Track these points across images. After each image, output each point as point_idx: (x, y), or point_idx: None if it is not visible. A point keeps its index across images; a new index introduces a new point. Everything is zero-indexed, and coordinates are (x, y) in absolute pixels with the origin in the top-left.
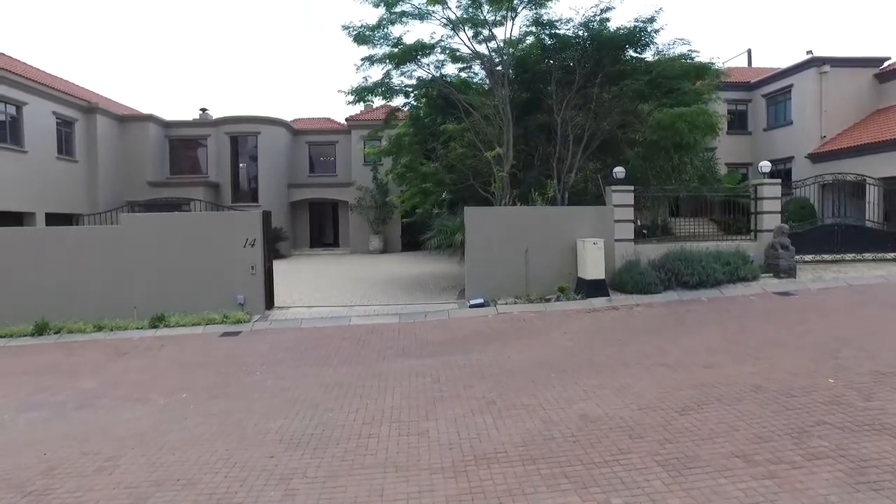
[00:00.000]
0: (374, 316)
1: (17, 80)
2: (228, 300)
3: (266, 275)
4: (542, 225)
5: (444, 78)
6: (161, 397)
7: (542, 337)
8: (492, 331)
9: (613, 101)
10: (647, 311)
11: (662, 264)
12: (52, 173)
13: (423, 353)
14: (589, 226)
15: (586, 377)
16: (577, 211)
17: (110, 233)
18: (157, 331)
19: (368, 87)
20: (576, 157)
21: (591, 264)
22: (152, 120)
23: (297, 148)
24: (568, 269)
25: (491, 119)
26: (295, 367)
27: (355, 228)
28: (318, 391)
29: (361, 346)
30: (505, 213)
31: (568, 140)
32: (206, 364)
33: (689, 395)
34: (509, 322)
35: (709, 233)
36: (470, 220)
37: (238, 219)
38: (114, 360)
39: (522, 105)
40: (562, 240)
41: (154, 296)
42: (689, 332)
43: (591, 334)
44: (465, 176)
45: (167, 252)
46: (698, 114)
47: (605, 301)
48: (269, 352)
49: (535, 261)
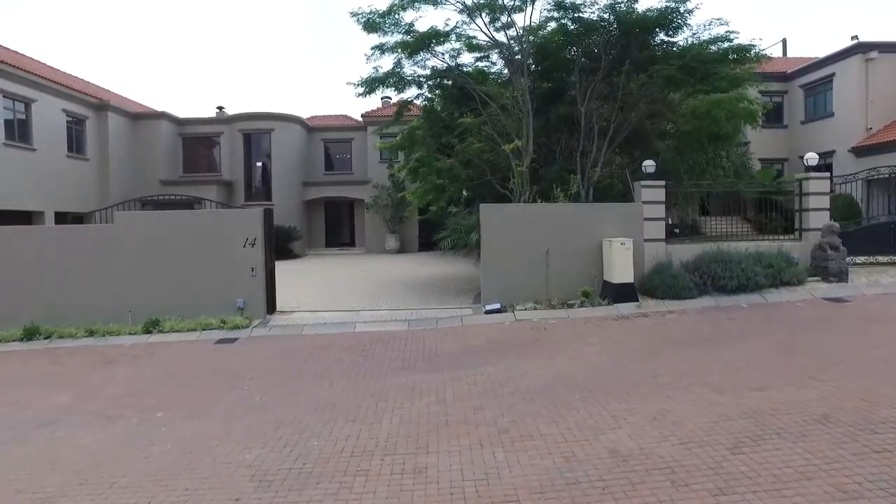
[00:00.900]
0: (381, 322)
1: (25, 77)
2: (228, 304)
3: (267, 277)
4: (564, 223)
5: (460, 67)
6: (135, 415)
7: (563, 348)
8: (508, 340)
9: (642, 89)
10: (681, 318)
11: (697, 266)
12: (62, 172)
13: (430, 366)
14: (616, 224)
15: (615, 399)
16: (603, 208)
17: (104, 232)
18: (151, 336)
19: (379, 77)
20: (601, 151)
21: (618, 266)
22: (165, 117)
23: (313, 145)
24: (593, 271)
25: (509, 110)
26: (287, 382)
27: (371, 228)
28: (306, 412)
29: (363, 358)
30: (524, 211)
31: (592, 132)
32: (193, 376)
33: (740, 426)
34: (528, 330)
35: (743, 232)
36: (486, 217)
37: (237, 217)
38: (98, 369)
39: (543, 96)
40: (586, 239)
41: (150, 298)
42: (732, 345)
43: (619, 345)
44: (482, 171)
45: (163, 252)
46: (737, 100)
47: (634, 307)
48: (262, 362)
49: (557, 262)
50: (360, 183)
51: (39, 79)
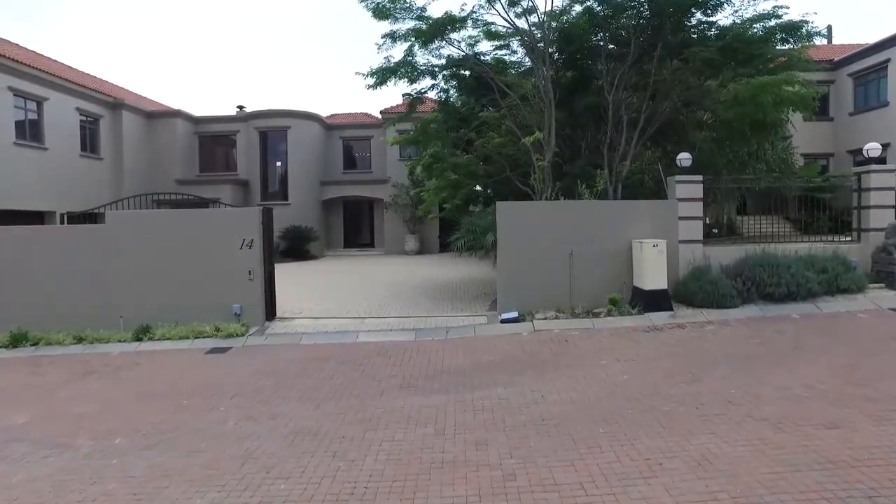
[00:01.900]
0: (386, 331)
1: (36, 75)
2: (224, 309)
3: (266, 281)
4: (589, 223)
5: (478, 56)
6: (89, 442)
7: (587, 365)
8: (525, 355)
9: (675, 75)
10: (722, 330)
11: (739, 271)
12: (75, 171)
13: (432, 385)
14: (647, 224)
15: (649, 435)
16: (633, 206)
17: (95, 232)
18: (141, 344)
19: (390, 67)
20: (630, 144)
21: (650, 271)
22: (181, 116)
23: (331, 143)
24: (621, 276)
25: (530, 101)
26: (270, 402)
27: (391, 228)
28: (282, 443)
29: (361, 373)
30: (545, 209)
31: (621, 124)
32: (170, 392)
33: (814, 481)
34: (547, 343)
35: (786, 233)
36: (503, 216)
37: (233, 217)
38: (74, 382)
39: (567, 86)
40: (614, 241)
41: (143, 303)
42: (787, 365)
43: (651, 363)
44: (500, 167)
45: (157, 254)
46: (787, 82)
47: (668, 317)
48: (250, 377)
49: (582, 266)
50: (379, 182)
51: (52, 77)
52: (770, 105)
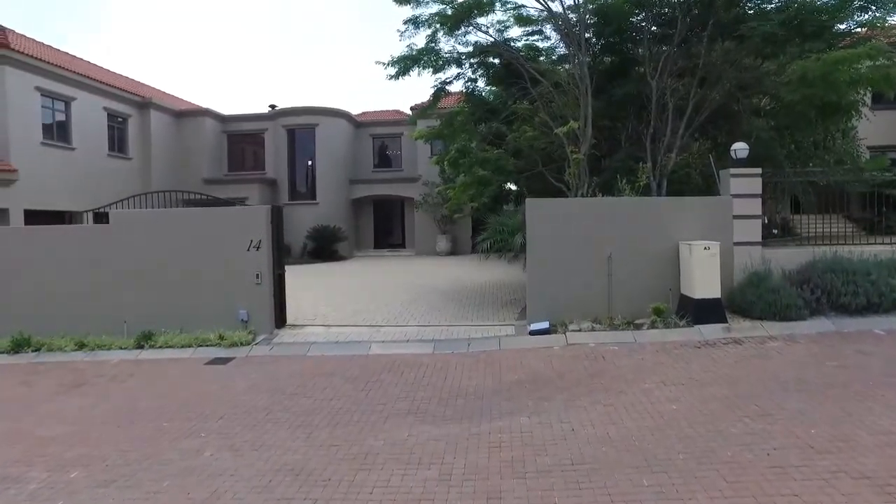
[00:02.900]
0: (402, 343)
1: (63, 75)
2: (230, 315)
3: (275, 285)
4: (630, 222)
5: (508, 43)
6: (44, 473)
7: (628, 389)
8: (555, 374)
9: (729, 56)
10: (789, 348)
11: (805, 277)
12: (103, 171)
13: (445, 411)
14: (697, 223)
15: (708, 492)
16: (681, 203)
17: (99, 232)
18: (141, 352)
19: (413, 56)
20: (676, 135)
21: (700, 277)
22: (209, 114)
23: (361, 141)
24: (666, 282)
25: (565, 88)
26: (259, 427)
27: (421, 228)
28: (257, 484)
29: (366, 394)
30: (580, 207)
31: (665, 112)
32: (154, 411)
33: None
34: (581, 359)
35: (849, 234)
36: (533, 215)
37: (239, 216)
38: (59, 395)
39: (605, 72)
40: (658, 242)
41: (147, 307)
42: (882, 396)
43: (706, 389)
44: (533, 162)
45: (162, 255)
46: (869, 55)
47: (722, 330)
48: (244, 394)
49: (621, 271)
50: (409, 180)
51: (79, 76)
52: (845, 84)
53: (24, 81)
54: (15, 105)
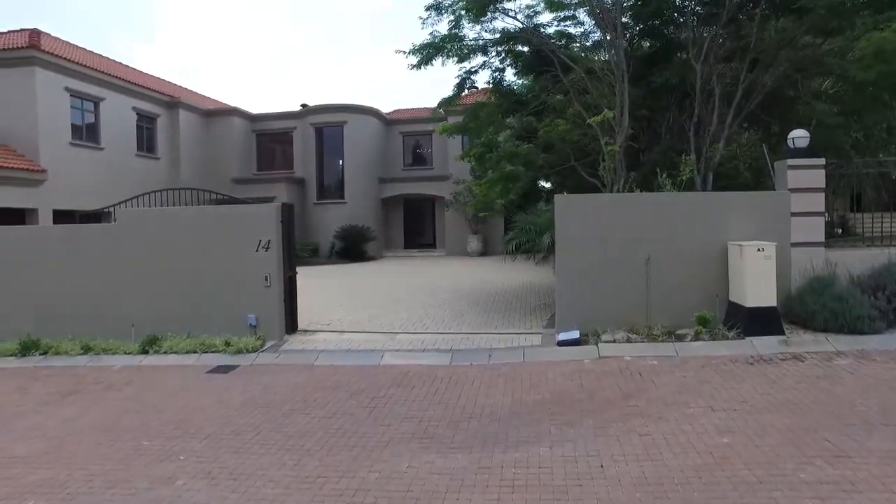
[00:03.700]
0: (418, 352)
1: (91, 75)
2: (239, 319)
3: (285, 288)
4: (672, 220)
5: (538, 28)
6: None
7: (669, 415)
8: (583, 393)
9: (786, 33)
10: (863, 367)
11: (878, 284)
12: (132, 171)
13: (455, 436)
14: (748, 222)
15: None
16: (729, 199)
17: (107, 232)
18: (146, 357)
19: (435, 44)
20: (724, 123)
21: (753, 282)
22: (237, 113)
23: (391, 139)
24: (712, 288)
25: (599, 76)
26: (245, 450)
27: (452, 228)
28: None
29: (370, 412)
30: (615, 203)
31: (712, 99)
32: (139, 427)
33: None
34: (615, 376)
35: None
36: (563, 212)
37: (248, 214)
38: (48, 405)
39: (643, 58)
40: (704, 243)
41: (154, 311)
42: None
43: (763, 416)
44: (565, 156)
45: (171, 256)
46: None
47: (779, 343)
48: (239, 409)
49: (661, 275)
50: (440, 179)
51: (108, 77)
52: None
53: (53, 82)
54: (44, 106)
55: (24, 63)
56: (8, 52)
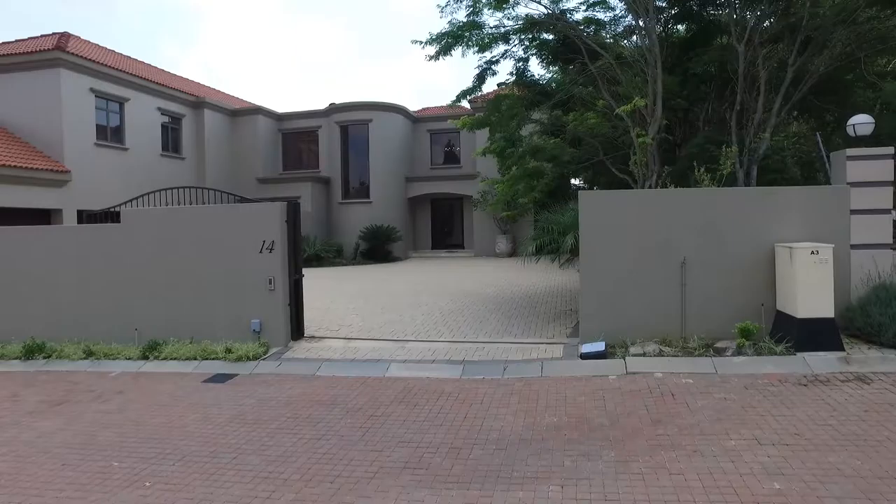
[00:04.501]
0: (427, 363)
1: (116, 76)
2: (242, 325)
3: (291, 292)
4: (711, 219)
5: (564, 14)
6: None
7: (705, 448)
8: (606, 418)
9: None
10: None
11: None
12: (157, 172)
13: (453, 467)
14: (799, 221)
15: None
16: (778, 195)
17: (110, 233)
18: (144, 364)
19: (454, 32)
20: (771, 111)
21: (805, 290)
22: (262, 112)
23: (418, 138)
24: (757, 295)
25: (629, 61)
26: (217, 477)
27: (480, 228)
28: None
29: (362, 434)
30: (647, 200)
31: (756, 85)
32: (115, 443)
33: None
34: (643, 396)
35: None
36: (588, 210)
37: (252, 214)
38: (33, 415)
39: (679, 44)
40: (747, 245)
41: (158, 315)
42: None
43: (824, 456)
44: (593, 150)
45: (175, 258)
46: None
47: (838, 361)
48: (224, 426)
49: (698, 280)
50: (469, 177)
51: (133, 77)
52: None
53: (78, 83)
54: (69, 107)
55: (50, 65)
56: (33, 54)
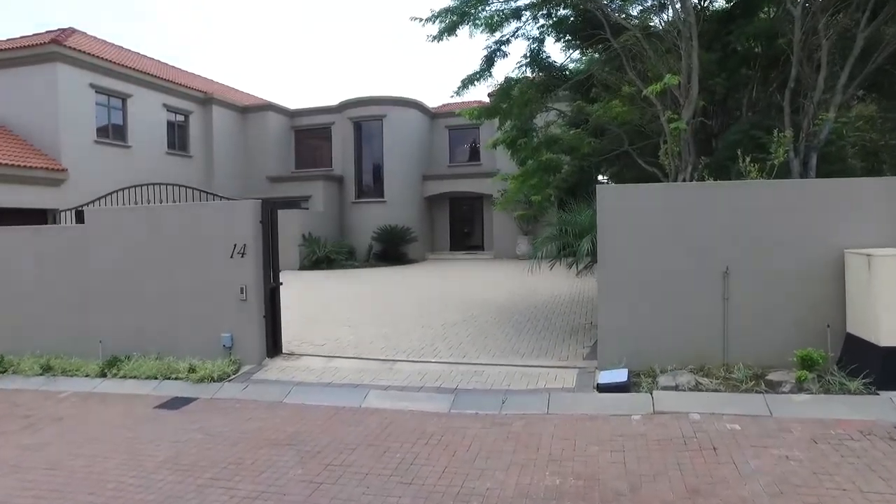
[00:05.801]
0: (412, 391)
1: (118, 71)
2: (213, 339)
3: (266, 303)
4: (759, 219)
5: None
6: None
7: None
8: (626, 484)
9: None
10: None
11: None
12: (162, 171)
13: None
14: (875, 221)
15: None
16: (846, 188)
17: (73, 234)
18: (102, 382)
19: (457, 8)
20: (833, 90)
21: (889, 309)
22: (272, 109)
23: (436, 134)
24: (821, 313)
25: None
26: None
27: (500, 228)
28: None
29: (314, 489)
30: (680, 196)
31: (815, 56)
32: (14, 496)
33: None
34: (675, 449)
35: None
36: (608, 208)
37: (222, 213)
38: None
39: (719, 18)
40: (807, 251)
41: (122, 326)
42: None
43: None
44: (618, 140)
45: (141, 263)
46: None
47: None
48: (150, 474)
49: (744, 294)
50: (489, 175)
51: (136, 73)
52: None
53: (77, 78)
54: (67, 103)
55: (46, 59)
56: (29, 48)
